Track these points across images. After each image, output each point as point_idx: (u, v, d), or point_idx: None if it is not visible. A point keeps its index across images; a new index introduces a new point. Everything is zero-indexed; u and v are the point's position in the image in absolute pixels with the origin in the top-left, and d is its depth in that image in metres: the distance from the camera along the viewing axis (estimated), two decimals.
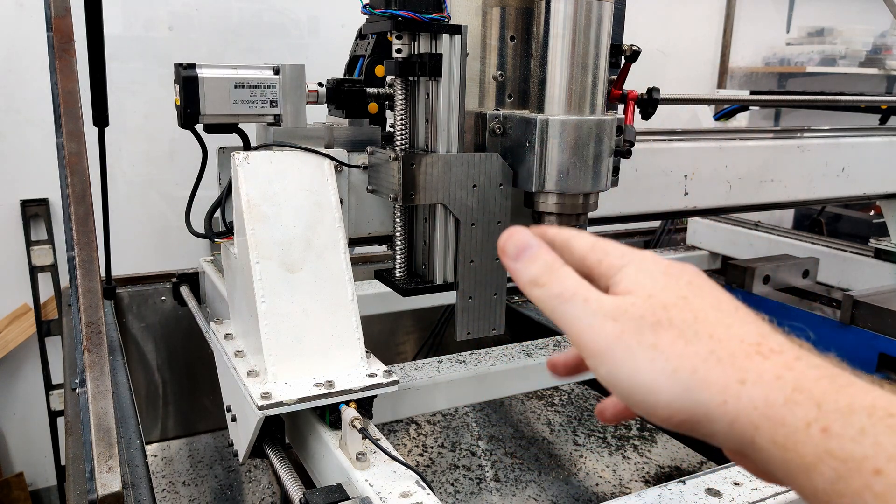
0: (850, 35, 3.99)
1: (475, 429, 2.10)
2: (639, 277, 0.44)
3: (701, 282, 0.44)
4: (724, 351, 0.38)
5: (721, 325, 0.40)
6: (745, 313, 0.41)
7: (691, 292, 0.42)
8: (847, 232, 3.33)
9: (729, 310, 0.41)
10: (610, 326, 0.41)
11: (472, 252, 1.17)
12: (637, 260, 0.45)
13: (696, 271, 0.45)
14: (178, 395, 2.15)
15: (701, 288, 0.43)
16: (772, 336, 0.39)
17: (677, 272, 0.44)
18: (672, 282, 0.43)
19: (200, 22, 2.41)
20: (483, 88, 1.19)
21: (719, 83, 3.62)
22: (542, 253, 0.46)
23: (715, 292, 0.43)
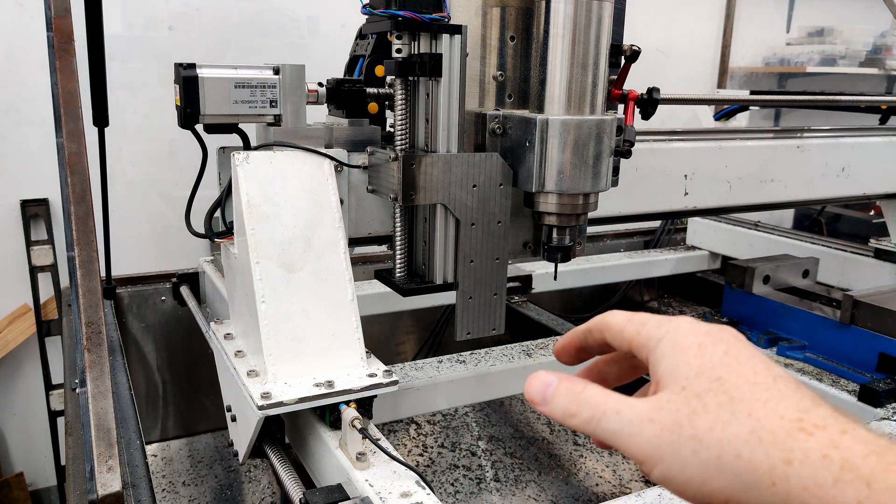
0: (850, 35, 3.99)
1: (475, 429, 2.10)
2: (673, 362, 0.44)
3: (738, 351, 0.43)
4: (764, 430, 0.38)
5: (758, 402, 0.39)
6: (784, 384, 0.40)
7: (726, 369, 0.41)
8: (847, 232, 3.33)
9: (766, 383, 0.40)
10: (649, 429, 0.42)
11: (472, 252, 1.17)
12: (672, 331, 0.45)
13: (734, 336, 0.44)
14: (178, 395, 2.15)
15: (737, 359, 0.42)
16: (814, 409, 0.38)
17: (712, 342, 0.43)
18: (707, 360, 0.42)
19: (200, 22, 2.41)
20: (483, 88, 1.19)
21: (719, 83, 3.63)
22: (562, 387, 0.48)
23: (753, 362, 0.42)
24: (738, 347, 0.43)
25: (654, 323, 0.47)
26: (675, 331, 0.45)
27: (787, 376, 0.41)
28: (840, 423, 0.37)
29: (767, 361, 0.42)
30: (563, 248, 1.22)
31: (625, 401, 0.44)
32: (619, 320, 0.50)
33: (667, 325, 0.46)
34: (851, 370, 1.67)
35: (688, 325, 0.45)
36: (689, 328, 0.45)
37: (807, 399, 0.39)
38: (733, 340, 0.44)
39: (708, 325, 0.45)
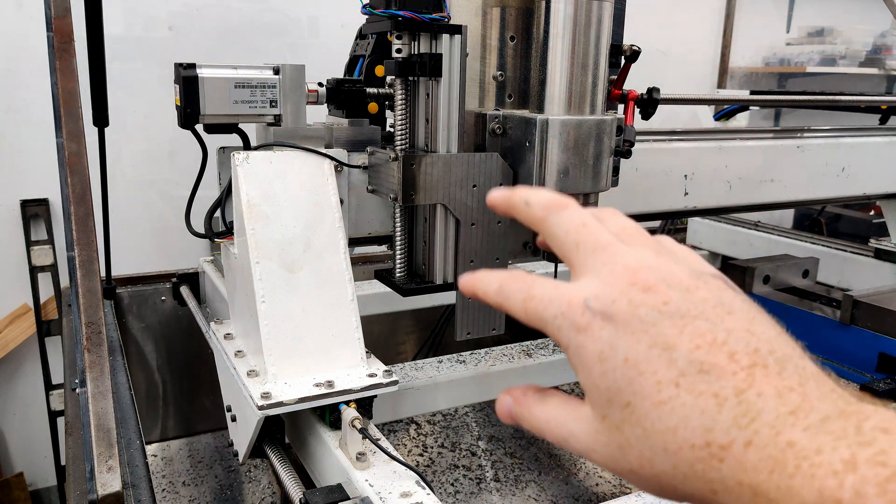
0: (850, 35, 3.99)
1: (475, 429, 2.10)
2: (584, 381, 0.41)
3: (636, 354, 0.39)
4: (683, 465, 0.37)
5: (668, 432, 0.37)
6: (687, 390, 0.37)
7: (631, 388, 0.39)
8: (847, 232, 3.33)
9: (669, 397, 0.37)
10: (597, 457, 0.42)
11: (472, 252, 1.17)
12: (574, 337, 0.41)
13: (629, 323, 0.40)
14: (178, 395, 2.15)
15: (638, 368, 0.39)
16: (719, 422, 0.36)
17: (611, 349, 0.40)
18: (611, 380, 0.40)
19: (200, 22, 2.41)
20: (483, 88, 1.19)
21: (719, 83, 3.62)
22: (517, 412, 0.47)
23: (653, 366, 0.38)
24: (635, 346, 0.39)
25: (554, 323, 0.43)
26: (575, 336, 0.41)
27: (689, 369, 0.37)
28: (744, 434, 0.35)
29: (667, 356, 0.38)
30: None
31: (569, 425, 0.43)
32: (516, 312, 0.45)
33: (566, 326, 0.42)
34: (851, 370, 1.67)
35: (585, 323, 0.41)
36: (586, 329, 0.41)
37: (710, 405, 0.36)
38: (630, 336, 0.39)
39: (606, 305, 0.40)
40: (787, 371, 0.37)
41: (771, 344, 0.38)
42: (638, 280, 0.41)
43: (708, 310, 0.39)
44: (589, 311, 0.41)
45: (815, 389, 0.36)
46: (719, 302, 0.40)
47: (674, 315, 0.39)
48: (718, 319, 0.39)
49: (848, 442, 0.32)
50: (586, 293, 0.42)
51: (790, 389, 0.36)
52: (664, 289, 0.41)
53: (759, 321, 0.40)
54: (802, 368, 0.37)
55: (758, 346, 0.38)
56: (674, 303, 0.40)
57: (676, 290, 0.40)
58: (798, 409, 0.35)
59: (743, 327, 0.39)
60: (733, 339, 0.38)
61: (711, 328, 0.38)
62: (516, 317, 0.46)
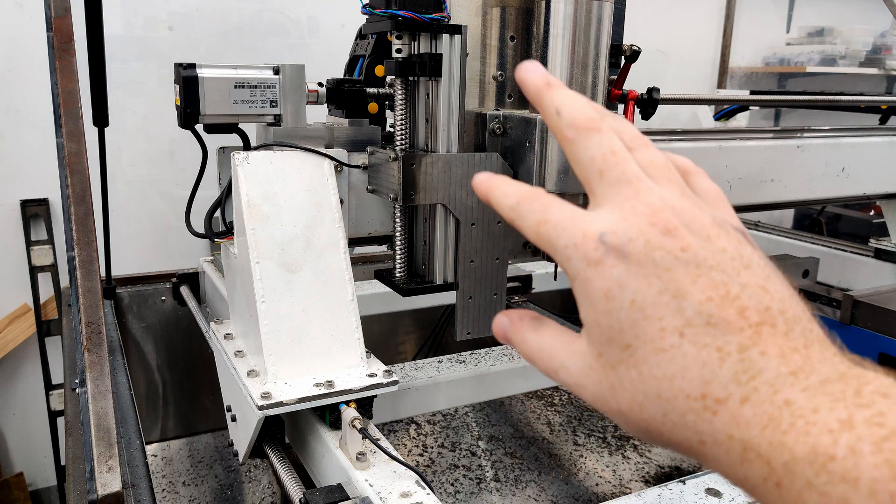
0: (850, 35, 3.99)
1: (475, 429, 2.10)
2: (586, 316, 0.41)
3: (644, 297, 0.38)
4: (675, 413, 0.37)
5: (665, 379, 0.37)
6: (690, 340, 0.37)
7: (633, 331, 0.38)
8: (847, 232, 3.33)
9: (671, 344, 0.37)
10: (585, 392, 0.42)
11: (472, 252, 1.17)
12: (582, 269, 0.41)
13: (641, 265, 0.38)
14: (178, 395, 2.15)
15: (644, 311, 0.38)
16: (718, 375, 0.36)
17: (620, 288, 0.39)
18: (614, 319, 0.39)
19: (200, 22, 2.41)
20: (483, 88, 1.19)
21: (719, 83, 3.62)
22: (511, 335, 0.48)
23: (659, 311, 0.38)
24: (645, 289, 0.38)
25: (565, 252, 0.41)
26: (585, 269, 0.40)
27: (696, 320, 0.37)
28: (741, 390, 0.35)
29: (676, 304, 0.37)
30: None
31: (561, 355, 0.43)
32: (528, 234, 0.44)
33: (577, 257, 0.40)
34: None
35: (597, 258, 0.39)
36: (597, 264, 0.39)
37: (712, 358, 0.36)
38: (642, 279, 0.38)
39: (622, 241, 0.39)
40: (793, 332, 0.37)
41: (783, 303, 0.38)
42: (658, 221, 0.40)
43: (725, 261, 0.38)
44: (603, 246, 0.40)
45: (819, 352, 0.36)
46: (738, 254, 0.39)
47: (689, 263, 0.38)
48: (735, 272, 0.38)
49: (846, 403, 0.32)
50: (603, 226, 0.40)
51: (794, 350, 0.36)
52: (684, 233, 0.39)
53: (774, 279, 0.39)
54: (809, 331, 0.37)
55: (769, 304, 0.37)
56: (692, 250, 0.39)
57: (696, 237, 0.39)
58: (799, 370, 0.35)
59: (757, 283, 0.38)
60: (746, 295, 0.37)
61: (726, 280, 0.38)
62: (527, 237, 0.45)
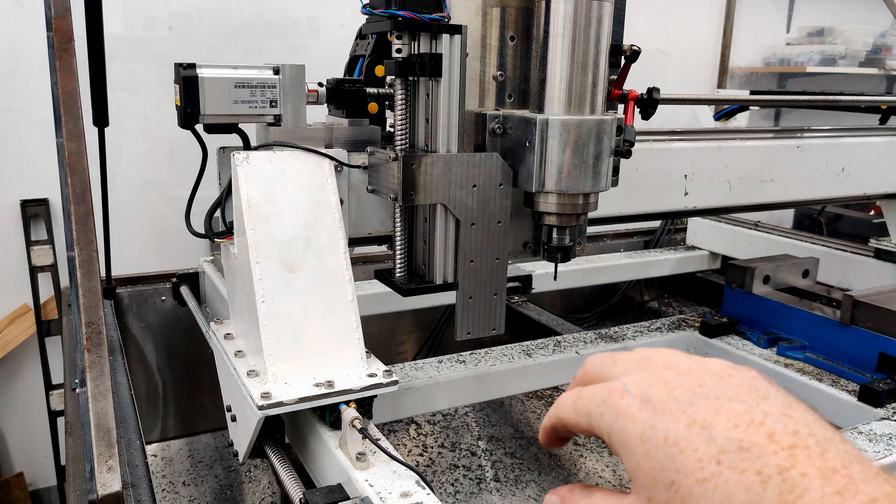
0: (850, 35, 3.99)
1: (475, 429, 2.10)
2: (629, 464, 0.43)
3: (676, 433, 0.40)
4: None
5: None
6: (728, 467, 0.38)
7: (673, 467, 0.40)
8: (847, 232, 3.33)
9: (711, 473, 0.38)
10: None
11: (472, 252, 1.17)
12: (615, 421, 0.44)
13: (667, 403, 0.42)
14: (178, 395, 2.15)
15: (678, 446, 0.40)
16: (763, 501, 0.36)
17: (652, 429, 0.41)
18: (654, 459, 0.41)
19: (200, 22, 2.41)
20: (483, 88, 1.19)
21: (719, 83, 3.63)
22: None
23: (693, 443, 0.39)
24: (674, 425, 0.41)
25: (597, 412, 0.45)
26: (616, 419, 0.43)
27: (729, 447, 0.38)
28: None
29: (706, 434, 0.39)
30: (563, 248, 1.23)
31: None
32: (568, 416, 0.48)
33: (608, 412, 0.44)
34: (851, 370, 1.67)
35: (624, 406, 0.43)
36: (626, 412, 0.43)
37: (754, 482, 0.36)
38: (669, 416, 0.41)
39: (644, 388, 0.43)
40: (829, 453, 0.37)
41: (811, 427, 0.39)
42: (672, 364, 0.44)
43: (743, 393, 0.41)
44: (628, 394, 0.43)
45: (860, 472, 0.36)
46: (754, 388, 0.42)
47: (709, 396, 0.41)
48: (754, 402, 0.40)
49: None
50: (626, 380, 0.44)
51: (834, 471, 0.36)
52: (698, 372, 0.43)
53: (795, 407, 0.41)
54: (845, 451, 0.37)
55: (797, 428, 0.38)
56: (708, 385, 0.42)
57: (710, 375, 0.43)
58: (844, 490, 0.35)
59: (780, 410, 0.40)
60: (771, 420, 0.39)
61: (748, 409, 0.40)
62: (570, 426, 0.49)
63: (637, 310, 2.94)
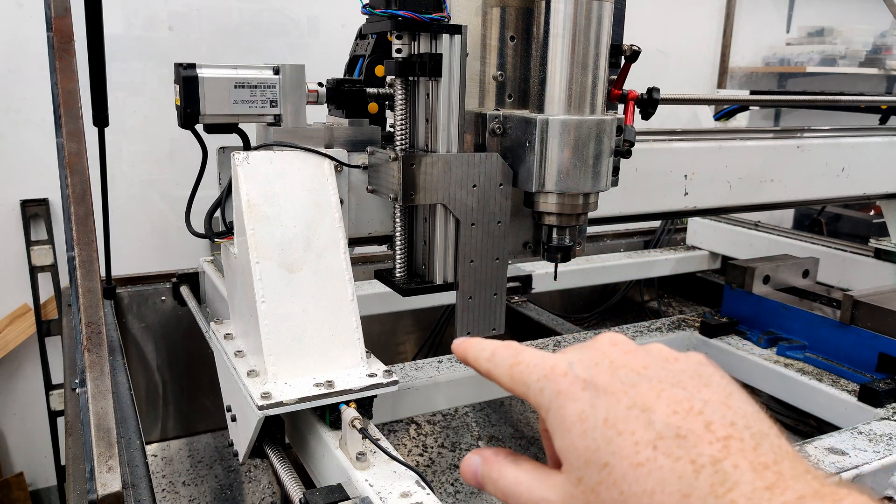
0: (850, 35, 3.99)
1: (475, 429, 2.10)
2: (562, 443, 0.42)
3: (615, 414, 0.40)
4: None
5: (645, 496, 0.37)
6: (665, 452, 0.37)
7: (609, 448, 0.39)
8: (847, 232, 3.33)
9: (647, 459, 0.38)
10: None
11: (472, 252, 1.17)
12: (554, 397, 0.43)
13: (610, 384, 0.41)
14: (178, 395, 2.15)
15: (616, 428, 0.39)
16: (694, 491, 0.36)
17: (592, 408, 0.41)
18: (590, 439, 0.40)
19: (200, 22, 2.41)
20: (483, 88, 1.19)
21: (719, 83, 3.62)
22: (484, 472, 0.47)
23: (631, 426, 0.39)
24: (615, 406, 0.40)
25: (537, 385, 0.44)
26: (556, 397, 0.42)
27: (666, 432, 0.38)
28: (721, 503, 0.35)
29: (645, 418, 0.39)
30: (563, 248, 1.23)
31: (540, 489, 0.43)
32: (502, 378, 0.47)
33: (549, 388, 0.43)
34: (851, 370, 1.67)
35: (567, 384, 0.42)
36: (568, 389, 0.42)
37: (687, 470, 0.37)
38: (611, 396, 0.41)
39: (588, 367, 0.42)
40: (762, 447, 0.37)
41: (747, 419, 0.39)
42: (618, 342, 0.44)
43: (685, 380, 0.41)
44: (572, 373, 0.43)
45: (790, 469, 0.36)
46: (697, 374, 0.42)
47: (652, 379, 0.41)
48: (695, 389, 0.40)
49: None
50: (570, 358, 0.44)
51: (765, 466, 0.36)
52: (643, 354, 0.43)
53: (736, 397, 0.41)
54: (778, 447, 0.38)
55: (734, 420, 0.38)
56: (652, 368, 0.42)
57: (655, 359, 0.43)
58: (774, 486, 0.35)
59: (720, 400, 0.40)
60: (709, 410, 0.39)
61: (688, 396, 0.40)
62: (502, 384, 0.48)
63: (637, 310, 2.94)
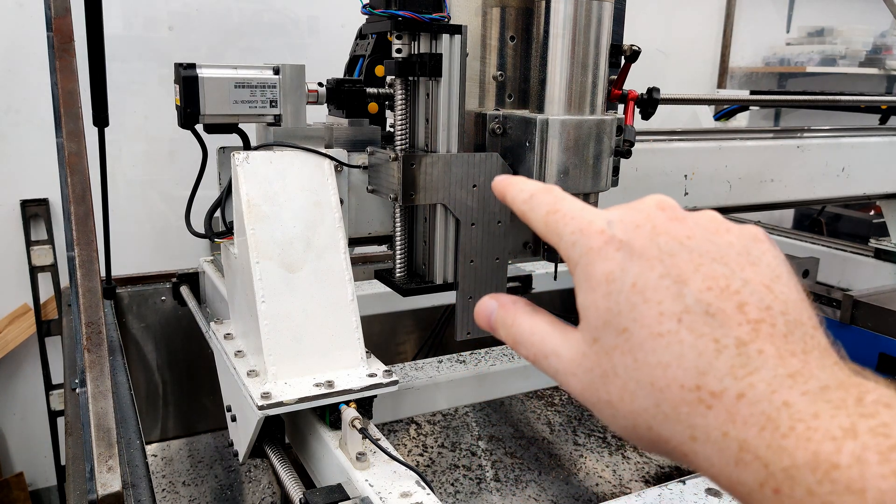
0: (850, 35, 3.99)
1: (475, 429, 2.10)
2: (584, 301, 0.40)
3: (646, 280, 0.38)
4: (667, 404, 0.36)
5: (659, 367, 0.36)
6: (688, 327, 0.36)
7: (632, 314, 0.38)
8: (847, 232, 3.33)
9: (669, 331, 0.36)
10: (574, 382, 0.41)
11: (472, 252, 1.17)
12: (585, 253, 0.40)
13: (647, 249, 0.39)
14: (178, 395, 2.15)
15: (644, 294, 0.37)
16: (713, 366, 0.35)
17: (621, 270, 0.39)
18: (613, 302, 0.38)
19: (200, 22, 2.41)
20: (483, 88, 1.19)
21: (719, 83, 3.62)
22: (498, 318, 0.46)
23: (659, 295, 0.37)
24: (647, 273, 0.38)
25: (570, 238, 0.42)
26: (587, 253, 0.40)
27: (695, 308, 0.36)
28: (738, 385, 0.34)
29: (676, 289, 0.37)
30: None
31: (554, 341, 0.42)
32: (536, 222, 0.45)
33: (581, 243, 0.41)
34: None
35: (601, 243, 0.40)
36: (601, 247, 0.40)
37: (709, 349, 0.35)
38: (644, 262, 0.38)
39: (627, 228, 0.40)
40: (793, 336, 0.36)
41: (786, 305, 0.37)
42: (667, 207, 0.41)
43: (731, 255, 0.38)
44: (608, 231, 0.40)
45: (818, 359, 0.35)
46: (745, 251, 0.39)
47: (693, 251, 0.38)
48: (738, 267, 0.38)
49: (848, 412, 0.31)
50: (611, 216, 0.41)
51: (792, 354, 0.35)
52: (690, 223, 0.40)
53: (782, 280, 0.38)
54: (811, 336, 0.36)
55: (771, 304, 0.36)
56: (696, 238, 0.39)
57: (702, 229, 0.39)
58: (797, 374, 0.34)
59: (762, 282, 0.37)
60: (747, 290, 0.37)
61: (728, 273, 0.37)
62: (536, 229, 0.45)
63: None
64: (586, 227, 0.41)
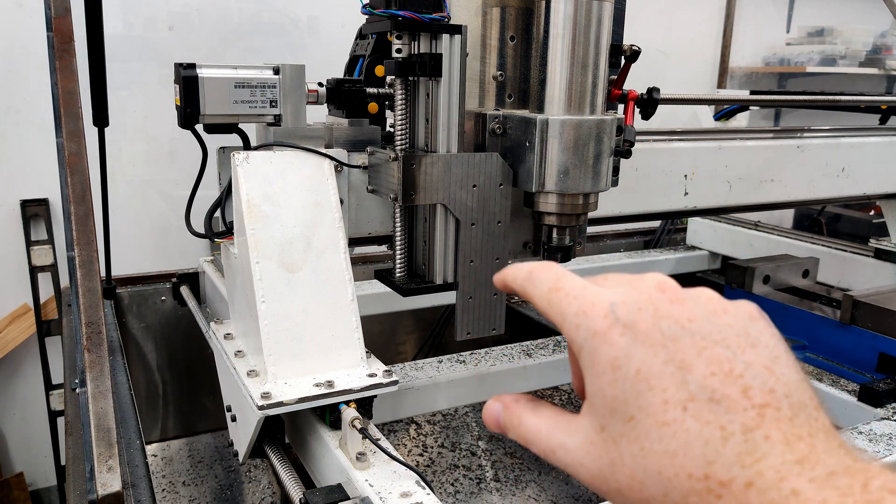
0: (850, 35, 3.99)
1: (475, 429, 2.10)
2: (591, 387, 0.40)
3: (649, 368, 0.38)
4: (676, 493, 0.36)
5: (667, 456, 0.36)
6: (694, 416, 0.36)
7: (637, 402, 0.38)
8: (847, 232, 3.33)
9: (675, 419, 0.36)
10: (583, 472, 0.41)
11: (472, 252, 1.17)
12: (590, 338, 0.41)
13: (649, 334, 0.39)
14: (178, 395, 2.15)
15: (648, 383, 0.38)
16: (721, 455, 0.35)
17: (626, 358, 0.39)
18: (619, 389, 0.39)
19: (200, 22, 2.41)
20: (483, 88, 1.19)
21: (719, 83, 3.62)
22: (505, 419, 0.46)
23: (664, 382, 0.37)
24: (651, 359, 0.38)
25: (574, 321, 0.42)
26: (591, 338, 0.40)
27: (700, 395, 0.36)
28: (746, 474, 0.34)
29: (680, 376, 0.37)
30: (563, 248, 1.23)
31: (559, 434, 0.43)
32: (539, 301, 0.45)
33: (585, 326, 0.41)
34: (851, 370, 1.67)
35: (605, 327, 0.40)
36: (606, 331, 0.40)
37: (715, 436, 0.35)
38: (648, 348, 0.39)
39: (630, 311, 0.40)
40: (798, 419, 0.36)
41: (788, 387, 0.37)
42: (667, 289, 0.41)
43: (731, 337, 0.39)
44: (612, 315, 0.40)
45: (824, 442, 0.35)
46: (744, 332, 0.39)
47: (695, 334, 0.39)
48: (740, 350, 0.38)
49: (855, 499, 0.32)
50: (613, 297, 0.41)
51: (799, 438, 0.35)
52: (690, 305, 0.40)
53: (782, 361, 0.38)
54: (815, 419, 0.36)
55: (774, 387, 0.37)
56: (697, 321, 0.39)
57: (702, 310, 0.40)
58: (805, 460, 0.34)
59: (763, 364, 0.38)
60: (750, 374, 0.37)
61: (730, 357, 0.37)
62: (538, 307, 0.45)
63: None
64: (590, 310, 0.41)
